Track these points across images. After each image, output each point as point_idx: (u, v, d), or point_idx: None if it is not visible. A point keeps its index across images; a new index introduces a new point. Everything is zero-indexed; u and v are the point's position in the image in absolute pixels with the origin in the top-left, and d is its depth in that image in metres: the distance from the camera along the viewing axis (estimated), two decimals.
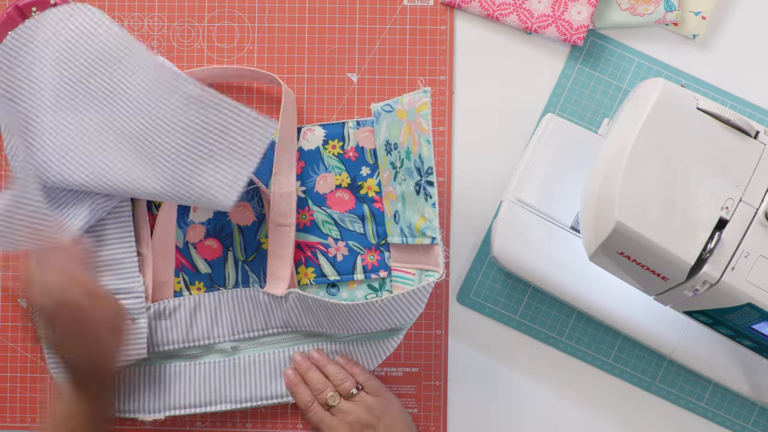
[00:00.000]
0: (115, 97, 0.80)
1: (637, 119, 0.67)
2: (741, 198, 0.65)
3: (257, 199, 0.86)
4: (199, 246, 0.86)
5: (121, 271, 0.83)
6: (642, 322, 0.81)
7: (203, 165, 0.76)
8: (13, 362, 0.87)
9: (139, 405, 0.83)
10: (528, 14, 0.86)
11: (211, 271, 0.86)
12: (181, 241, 0.86)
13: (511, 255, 0.82)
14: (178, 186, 0.77)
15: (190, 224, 0.86)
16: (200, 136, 0.76)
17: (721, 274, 0.64)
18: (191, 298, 0.84)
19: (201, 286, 0.86)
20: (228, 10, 0.88)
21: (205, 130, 0.76)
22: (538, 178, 0.82)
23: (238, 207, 0.85)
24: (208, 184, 0.76)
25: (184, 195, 0.77)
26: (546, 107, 0.87)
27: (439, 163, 0.87)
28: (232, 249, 0.86)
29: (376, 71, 0.88)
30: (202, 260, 0.86)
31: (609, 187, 0.66)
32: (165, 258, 0.85)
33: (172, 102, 0.76)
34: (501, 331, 0.86)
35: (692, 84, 0.87)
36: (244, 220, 0.86)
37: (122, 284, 0.83)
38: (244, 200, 0.86)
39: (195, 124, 0.75)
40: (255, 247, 0.86)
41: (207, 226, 0.86)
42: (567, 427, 0.85)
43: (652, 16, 0.86)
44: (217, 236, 0.86)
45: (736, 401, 0.85)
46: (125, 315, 0.80)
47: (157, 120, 0.77)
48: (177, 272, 0.86)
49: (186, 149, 0.76)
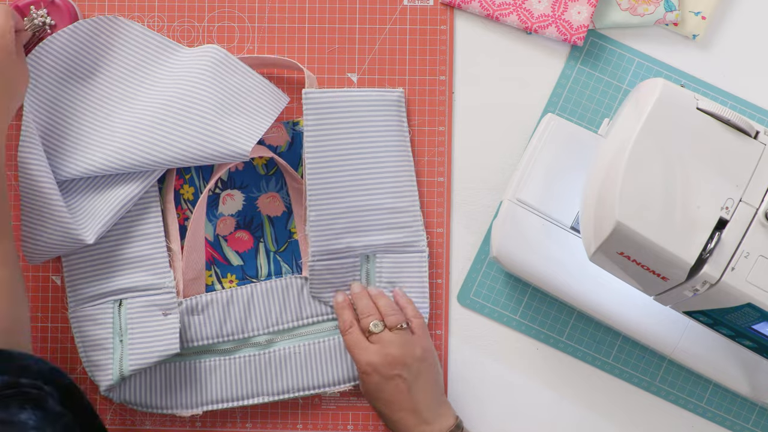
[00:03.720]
0: (148, 85, 0.84)
1: (637, 119, 0.67)
2: (741, 198, 0.65)
3: (286, 189, 0.86)
4: (230, 238, 0.86)
5: (152, 267, 0.84)
6: (642, 322, 0.81)
7: (225, 117, 0.81)
8: None
9: (176, 401, 0.84)
10: (528, 14, 0.86)
11: (243, 263, 0.86)
12: (212, 234, 0.86)
13: (511, 255, 0.82)
14: (200, 138, 0.79)
15: (219, 217, 0.86)
16: (224, 94, 0.82)
17: (721, 274, 0.64)
18: (223, 293, 0.85)
19: (233, 278, 0.86)
20: (228, 10, 0.88)
21: (229, 89, 0.82)
22: (538, 178, 0.82)
23: (267, 197, 0.86)
24: (229, 132, 0.80)
25: (207, 147, 0.79)
26: (546, 107, 0.87)
27: (440, 163, 0.87)
28: (263, 240, 0.86)
29: (376, 71, 0.88)
30: (234, 252, 0.86)
31: (609, 187, 0.66)
32: (195, 252, 0.85)
33: (201, 66, 0.82)
34: (501, 331, 0.86)
35: (692, 84, 0.87)
36: (274, 210, 0.87)
37: (153, 280, 0.83)
38: (273, 190, 0.87)
39: (220, 84, 0.82)
40: (286, 237, 0.86)
41: (237, 219, 0.86)
42: (567, 427, 0.85)
43: (652, 16, 0.86)
44: (247, 228, 0.86)
45: (736, 401, 0.85)
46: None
47: (185, 84, 0.82)
48: (208, 266, 0.86)
49: (211, 105, 0.80)
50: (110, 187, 0.82)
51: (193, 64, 0.83)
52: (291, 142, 0.87)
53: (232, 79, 0.83)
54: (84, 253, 0.84)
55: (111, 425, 0.87)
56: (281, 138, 0.87)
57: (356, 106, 0.84)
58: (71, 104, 0.84)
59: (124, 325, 0.82)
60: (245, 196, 0.87)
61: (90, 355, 0.83)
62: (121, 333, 0.82)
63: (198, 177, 0.86)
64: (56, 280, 0.87)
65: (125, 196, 0.82)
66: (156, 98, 0.83)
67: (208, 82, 0.82)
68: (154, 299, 0.83)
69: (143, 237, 0.84)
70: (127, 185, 0.82)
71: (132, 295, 0.83)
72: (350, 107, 0.84)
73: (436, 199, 0.87)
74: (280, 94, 0.86)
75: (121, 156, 0.81)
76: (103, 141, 0.82)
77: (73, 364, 0.87)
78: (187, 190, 0.86)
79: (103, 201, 0.82)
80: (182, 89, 0.82)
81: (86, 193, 0.83)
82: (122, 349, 0.82)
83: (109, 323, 0.83)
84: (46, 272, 0.87)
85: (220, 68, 0.83)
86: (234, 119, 0.81)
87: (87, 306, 0.84)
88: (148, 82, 0.85)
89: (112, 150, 0.81)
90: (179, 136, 0.80)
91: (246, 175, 0.87)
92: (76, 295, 0.84)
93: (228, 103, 0.82)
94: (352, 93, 0.84)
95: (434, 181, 0.87)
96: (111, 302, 0.83)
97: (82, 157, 0.82)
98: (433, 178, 0.87)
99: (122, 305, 0.83)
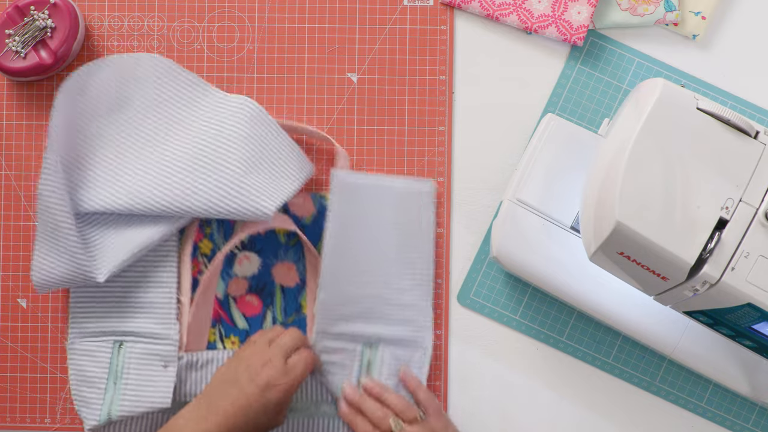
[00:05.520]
0: (177, 125, 0.84)
1: (637, 119, 0.67)
2: (741, 198, 0.65)
3: (304, 262, 0.85)
4: (239, 300, 0.85)
5: (159, 316, 0.83)
6: (642, 322, 0.81)
7: (253, 174, 0.80)
8: (13, 362, 0.87)
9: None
10: (528, 14, 0.86)
11: (248, 328, 0.85)
12: (222, 292, 0.85)
13: (511, 255, 0.82)
14: (226, 193, 0.79)
15: (233, 277, 0.85)
16: (254, 151, 0.81)
17: (721, 274, 0.64)
18: (224, 353, 0.83)
19: (236, 340, 0.85)
20: (228, 10, 0.88)
21: (259, 146, 0.81)
22: (538, 178, 0.82)
23: (283, 266, 0.85)
24: (254, 190, 0.79)
25: (232, 201, 0.78)
26: (546, 107, 0.87)
27: (440, 163, 0.87)
28: (272, 308, 0.85)
29: (376, 71, 0.88)
30: (241, 315, 0.85)
31: (609, 187, 0.66)
32: (204, 309, 0.84)
33: (235, 118, 0.81)
34: (501, 331, 0.86)
35: (692, 84, 0.87)
36: (288, 281, 0.85)
37: (158, 329, 0.82)
38: (291, 261, 0.85)
39: (252, 140, 0.81)
40: (295, 308, 0.85)
41: (250, 282, 0.85)
42: (567, 427, 0.85)
43: (652, 16, 0.86)
44: (258, 293, 0.85)
45: (736, 401, 0.85)
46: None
47: (217, 134, 0.81)
48: (214, 323, 0.85)
49: (240, 160, 0.80)
50: (131, 228, 0.82)
51: (227, 115, 0.82)
52: (316, 215, 0.85)
53: (264, 137, 0.82)
54: (93, 288, 0.83)
55: None
56: (307, 208, 0.85)
57: (384, 193, 0.83)
58: (99, 135, 0.83)
59: (120, 368, 0.81)
60: (262, 261, 0.85)
61: (81, 390, 0.82)
62: (117, 375, 0.81)
63: (218, 233, 0.85)
64: None
65: (144, 240, 0.81)
66: (186, 143, 0.82)
67: (240, 136, 0.81)
68: (156, 348, 0.82)
69: (156, 284, 0.83)
70: (148, 228, 0.81)
71: (134, 339, 0.82)
72: (378, 194, 0.82)
73: (436, 199, 0.87)
74: (306, 162, 0.84)
75: (144, 197, 0.80)
76: (128, 178, 0.82)
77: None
78: (206, 245, 0.85)
79: (121, 240, 0.81)
80: (214, 139, 0.81)
81: (105, 229, 0.82)
82: (115, 391, 0.81)
83: (106, 362, 0.82)
84: None
85: (254, 124, 0.82)
86: (261, 177, 0.80)
87: (87, 340, 0.83)
88: (179, 123, 0.84)
89: (136, 189, 0.80)
90: (205, 186, 0.79)
91: (266, 241, 0.85)
92: (77, 327, 0.83)
93: (257, 161, 0.81)
94: (381, 180, 0.83)
95: (434, 181, 0.87)
96: (112, 342, 0.82)
97: (106, 192, 0.81)
98: (433, 178, 0.87)
99: (122, 347, 0.82)
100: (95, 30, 0.89)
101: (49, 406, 0.86)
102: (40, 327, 0.87)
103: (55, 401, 0.86)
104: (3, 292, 0.87)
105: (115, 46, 0.89)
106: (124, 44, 0.88)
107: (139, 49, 0.88)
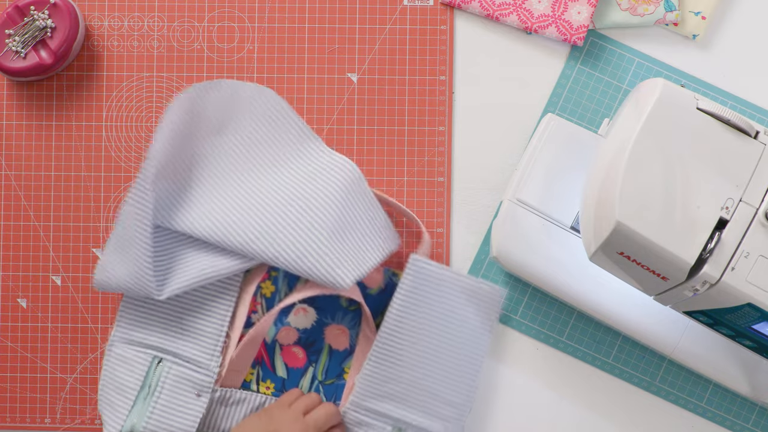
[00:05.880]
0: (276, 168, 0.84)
1: (637, 119, 0.67)
2: (741, 198, 0.65)
3: (358, 330, 0.85)
4: (285, 349, 0.85)
5: (206, 344, 0.82)
6: (642, 322, 0.81)
7: (338, 241, 0.79)
8: (13, 362, 0.87)
9: None
10: (528, 14, 0.86)
11: (286, 378, 0.84)
12: (271, 337, 0.84)
13: (511, 255, 0.82)
14: (307, 253, 0.78)
15: (285, 325, 0.84)
16: (345, 218, 0.80)
17: (721, 274, 0.64)
18: (258, 397, 0.83)
19: (271, 386, 0.84)
20: (228, 10, 0.88)
21: (351, 213, 0.81)
22: (538, 178, 0.82)
23: (337, 328, 0.85)
24: (336, 258, 0.78)
25: (311, 263, 0.78)
26: (546, 107, 0.87)
27: (440, 163, 0.87)
28: (315, 365, 0.84)
29: (376, 71, 0.88)
30: (283, 364, 0.84)
31: (609, 187, 0.66)
32: (250, 349, 0.83)
33: (334, 179, 0.82)
34: (501, 331, 0.86)
35: (692, 84, 0.87)
36: (338, 344, 0.85)
37: (201, 357, 0.82)
38: (346, 325, 0.85)
39: (345, 206, 0.81)
40: (337, 373, 0.84)
41: (300, 334, 0.85)
42: (567, 427, 0.85)
43: (652, 17, 0.86)
44: (306, 347, 0.85)
45: (736, 401, 0.85)
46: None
47: (312, 192, 0.81)
48: (254, 364, 0.84)
49: (329, 224, 0.79)
50: (204, 255, 0.81)
51: (326, 173, 0.82)
52: (383, 288, 0.84)
53: (357, 205, 0.81)
54: (148, 300, 0.83)
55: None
56: (376, 280, 0.84)
57: (455, 288, 0.81)
58: (199, 155, 0.83)
59: (154, 384, 0.81)
60: (317, 318, 0.85)
61: (109, 394, 0.82)
62: (149, 390, 0.81)
63: (283, 280, 0.84)
64: (57, 280, 0.87)
65: (213, 271, 0.80)
66: (280, 189, 0.82)
67: (334, 199, 0.80)
68: (194, 375, 0.81)
69: (210, 313, 0.83)
70: (220, 260, 0.81)
71: (174, 360, 0.82)
72: (449, 287, 0.81)
73: (436, 199, 0.87)
74: (394, 237, 0.84)
75: (226, 231, 0.80)
76: (215, 207, 0.81)
77: (73, 364, 0.87)
78: (268, 287, 0.84)
79: (191, 265, 0.81)
80: (307, 194, 0.81)
81: (179, 249, 0.82)
82: (143, 405, 0.80)
83: (140, 373, 0.81)
84: (47, 272, 0.88)
85: (351, 189, 0.81)
86: (345, 246, 0.79)
87: (128, 347, 0.83)
88: (278, 166, 0.84)
89: (220, 221, 0.80)
90: (287, 240, 0.79)
91: (328, 300, 0.85)
92: (122, 331, 0.83)
93: (345, 228, 0.80)
94: (456, 277, 0.81)
95: (434, 181, 0.87)
96: (152, 356, 0.82)
97: (191, 215, 0.81)
98: (433, 178, 0.87)
99: (161, 364, 0.82)
100: (95, 30, 0.89)
101: (49, 406, 0.86)
102: (40, 327, 0.87)
103: (55, 401, 0.86)
104: (3, 292, 0.87)
105: (115, 46, 0.89)
106: (124, 44, 0.89)
107: (139, 49, 0.88)
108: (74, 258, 0.87)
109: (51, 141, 0.88)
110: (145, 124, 0.88)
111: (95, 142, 0.88)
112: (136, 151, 0.88)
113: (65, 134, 0.88)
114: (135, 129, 0.88)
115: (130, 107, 0.88)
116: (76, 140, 0.88)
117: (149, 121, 0.88)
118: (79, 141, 0.88)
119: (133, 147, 0.88)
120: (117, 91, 0.88)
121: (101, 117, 0.88)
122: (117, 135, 0.88)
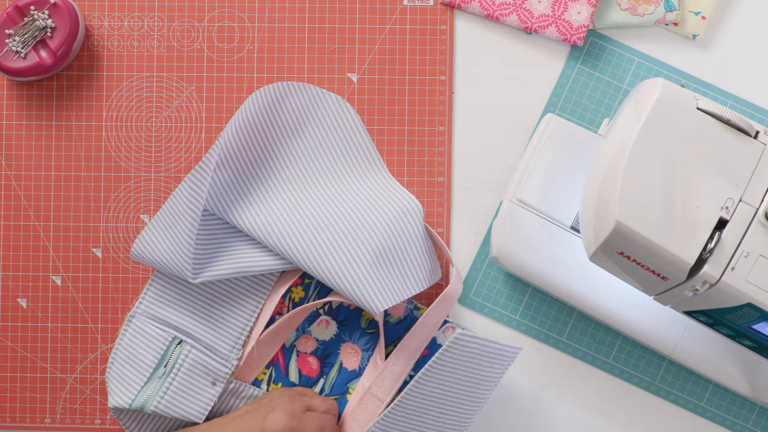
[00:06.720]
0: (337, 181, 0.84)
1: (637, 119, 0.67)
2: (741, 198, 0.65)
3: (371, 354, 0.85)
4: (301, 356, 0.85)
5: (229, 336, 0.83)
6: (642, 322, 0.81)
7: (379, 267, 0.79)
8: (13, 362, 0.87)
9: None
10: (528, 14, 0.86)
11: (297, 384, 0.85)
12: (290, 342, 0.85)
13: (511, 255, 0.82)
14: (347, 272, 0.78)
15: (306, 333, 0.85)
16: (393, 246, 0.80)
17: (721, 274, 0.64)
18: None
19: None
20: (228, 10, 0.88)
21: (400, 243, 0.81)
22: (538, 178, 0.82)
23: (351, 347, 0.85)
24: (373, 283, 0.78)
25: (347, 282, 0.78)
26: (546, 107, 0.87)
27: (440, 163, 0.87)
28: (324, 379, 0.85)
29: (376, 71, 0.88)
30: (297, 370, 0.85)
31: (609, 187, 0.66)
32: (269, 349, 0.84)
33: (391, 207, 0.82)
34: (501, 331, 0.86)
35: (692, 84, 0.87)
36: (349, 363, 0.85)
37: (221, 347, 0.83)
38: (360, 347, 0.85)
39: (396, 235, 0.81)
40: (342, 391, 0.85)
41: (318, 345, 0.85)
42: (567, 427, 0.85)
43: (652, 16, 0.86)
44: (321, 359, 0.85)
45: (736, 401, 0.85)
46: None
47: (367, 215, 0.81)
48: (269, 365, 0.84)
49: (375, 249, 0.79)
50: (245, 247, 0.82)
51: (385, 199, 0.83)
52: (402, 320, 0.84)
53: (408, 236, 0.82)
54: (180, 281, 0.83)
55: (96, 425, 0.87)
56: (399, 310, 0.84)
57: (485, 355, 0.77)
58: (265, 153, 0.84)
59: (171, 364, 0.81)
60: (337, 333, 0.85)
61: (122, 366, 0.82)
62: (166, 369, 0.81)
63: (315, 288, 0.85)
64: (57, 280, 0.87)
65: (251, 265, 0.81)
66: (337, 204, 0.82)
67: (386, 226, 0.81)
68: (212, 363, 0.81)
69: (240, 306, 0.83)
70: (260, 258, 0.81)
71: (194, 345, 0.82)
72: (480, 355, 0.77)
73: (436, 199, 0.87)
74: (436, 271, 0.84)
75: (273, 233, 0.80)
76: (269, 206, 0.82)
77: (72, 363, 0.87)
78: (298, 292, 0.85)
79: (232, 257, 0.81)
80: (361, 215, 0.81)
81: (223, 239, 0.82)
82: (158, 384, 0.81)
83: (159, 351, 0.82)
84: (47, 272, 0.88)
85: (405, 219, 0.82)
86: (385, 273, 0.79)
87: (149, 322, 0.83)
88: (340, 180, 0.85)
89: (270, 221, 0.81)
90: (331, 256, 0.79)
91: (351, 316, 0.85)
92: (146, 305, 0.84)
93: (390, 257, 0.80)
94: (493, 345, 0.77)
95: (434, 181, 0.87)
96: (173, 336, 0.82)
97: (243, 209, 0.82)
98: (433, 178, 0.87)
99: (181, 345, 0.82)
100: (95, 30, 0.89)
101: (49, 406, 0.86)
102: (40, 327, 0.87)
103: (55, 401, 0.86)
104: (3, 292, 0.87)
105: (115, 46, 0.89)
106: (124, 44, 0.89)
107: (139, 49, 0.88)
108: (74, 258, 0.87)
109: (51, 141, 0.88)
110: (145, 124, 0.88)
111: (95, 142, 0.88)
112: (136, 151, 0.88)
113: (65, 134, 0.88)
114: (135, 129, 0.88)
115: (130, 107, 0.88)
116: (76, 140, 0.88)
117: (149, 121, 0.88)
118: (79, 141, 0.88)
119: (133, 147, 0.88)
120: (117, 91, 0.88)
121: (101, 117, 0.88)
122: (117, 135, 0.88)
